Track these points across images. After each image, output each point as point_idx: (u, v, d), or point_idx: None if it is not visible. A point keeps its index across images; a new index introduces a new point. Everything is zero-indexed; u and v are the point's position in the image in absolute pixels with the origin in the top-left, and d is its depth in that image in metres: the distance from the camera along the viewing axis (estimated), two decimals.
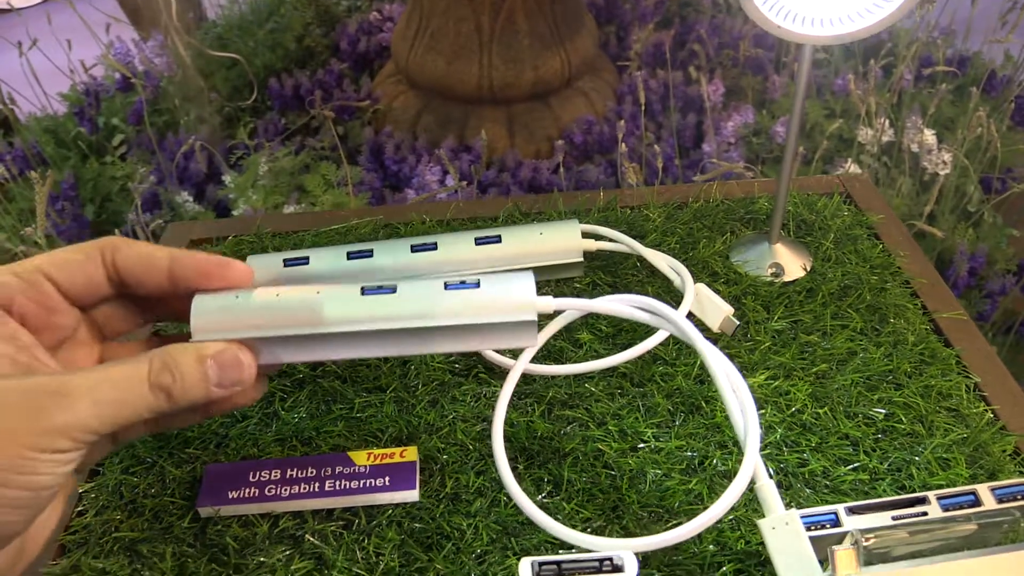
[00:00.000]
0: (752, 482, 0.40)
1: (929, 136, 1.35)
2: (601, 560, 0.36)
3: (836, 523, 0.37)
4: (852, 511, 0.38)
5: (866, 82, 1.44)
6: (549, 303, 0.44)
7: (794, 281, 0.58)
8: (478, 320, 0.42)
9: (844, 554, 0.35)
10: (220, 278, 0.39)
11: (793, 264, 0.59)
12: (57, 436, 0.31)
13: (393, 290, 0.43)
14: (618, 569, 0.36)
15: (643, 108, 1.47)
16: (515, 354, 0.53)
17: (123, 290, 0.39)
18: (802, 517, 0.37)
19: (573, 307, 0.46)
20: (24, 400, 0.31)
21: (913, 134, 1.36)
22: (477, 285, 0.43)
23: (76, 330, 0.39)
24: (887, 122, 1.40)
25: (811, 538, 0.37)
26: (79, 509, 0.47)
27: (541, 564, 0.35)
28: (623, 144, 1.24)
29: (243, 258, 0.60)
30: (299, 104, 1.80)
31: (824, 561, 0.36)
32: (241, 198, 1.48)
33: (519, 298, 0.42)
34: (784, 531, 0.37)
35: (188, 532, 0.45)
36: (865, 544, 0.35)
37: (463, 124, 1.66)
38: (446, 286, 0.43)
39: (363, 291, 0.43)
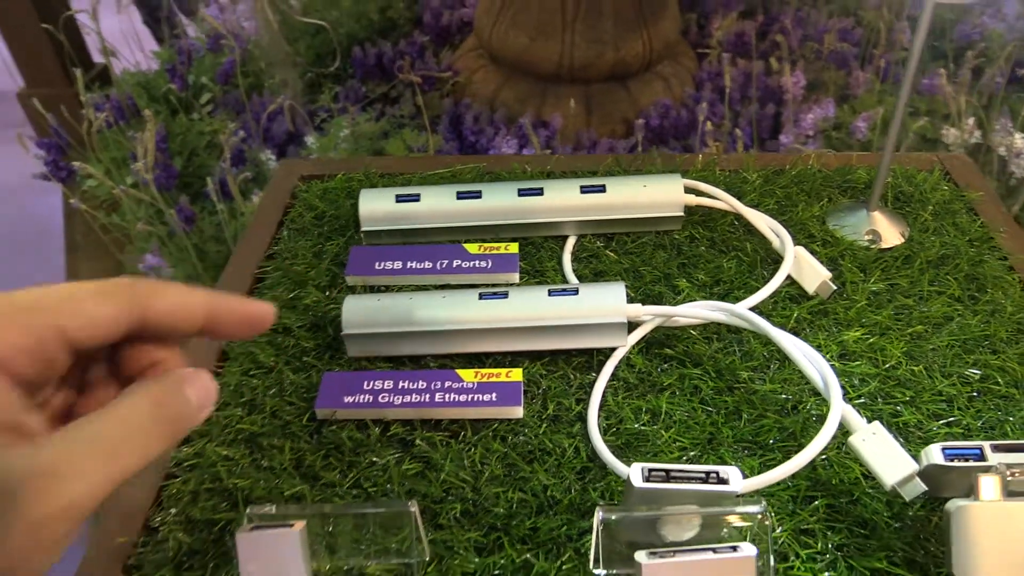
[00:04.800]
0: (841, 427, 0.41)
1: (1019, 140, 1.33)
2: (708, 472, 0.38)
3: (981, 457, 0.38)
4: (997, 448, 0.39)
5: (956, 82, 1.42)
6: (638, 310, 0.51)
7: (891, 248, 0.59)
8: (577, 322, 0.50)
9: (990, 481, 0.36)
10: (256, 328, 0.35)
11: (890, 232, 0.60)
12: (40, 532, 0.26)
13: (505, 295, 0.52)
14: (723, 481, 0.37)
15: (726, 94, 1.48)
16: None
17: (145, 335, 0.34)
18: (945, 449, 0.38)
19: (659, 314, 0.52)
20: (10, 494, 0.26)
21: (1002, 137, 1.34)
22: (576, 292, 0.52)
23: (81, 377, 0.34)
24: (975, 123, 1.38)
25: (954, 468, 0.38)
26: None
27: (651, 470, 0.37)
28: (708, 122, 1.25)
29: (355, 194, 0.64)
30: (380, 73, 1.83)
31: (965, 489, 0.38)
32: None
33: (612, 305, 0.51)
34: (873, 440, 0.40)
35: (305, 430, 0.48)
36: (1008, 478, 0.36)
37: (541, 101, 1.68)
38: (550, 293, 0.52)
39: (480, 296, 0.52)
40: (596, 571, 0.38)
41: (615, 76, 1.66)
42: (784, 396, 0.49)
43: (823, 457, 0.45)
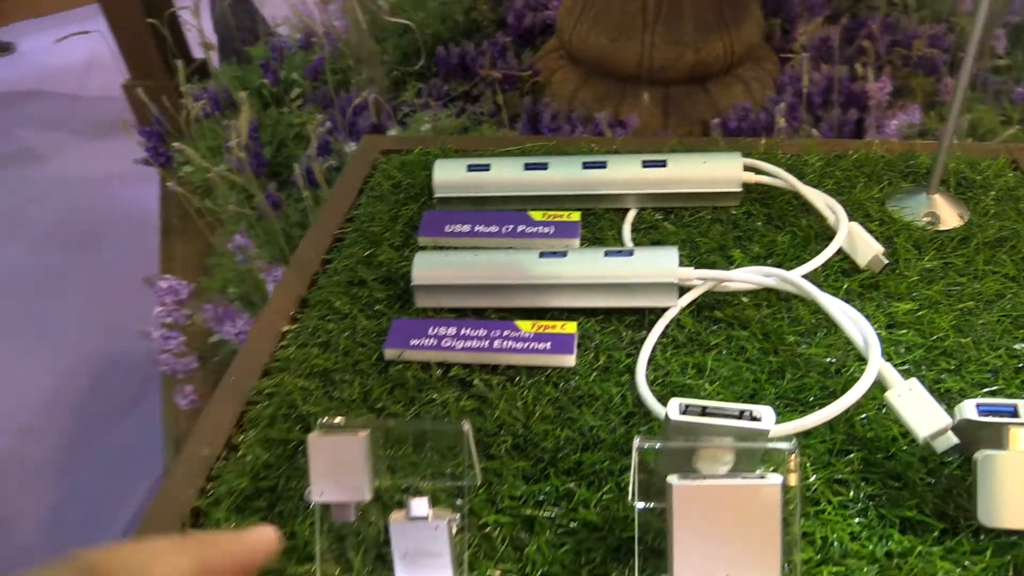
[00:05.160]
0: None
1: None
2: (742, 410, 0.40)
3: (1014, 414, 0.40)
4: None
5: None
6: (690, 273, 0.54)
7: (949, 229, 0.60)
8: (630, 281, 0.54)
9: (1021, 432, 0.38)
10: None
11: (950, 214, 0.61)
12: None
13: (564, 255, 0.55)
14: (756, 419, 0.40)
15: (803, 96, 1.47)
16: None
17: None
18: (979, 405, 0.40)
19: (709, 277, 0.54)
20: None
21: None
22: (631, 254, 0.55)
23: None
24: None
25: (986, 424, 0.39)
26: (282, 344, 0.56)
27: (687, 405, 0.40)
28: (781, 119, 1.25)
29: (431, 165, 0.68)
30: (463, 72, 1.89)
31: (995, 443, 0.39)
32: None
33: (664, 266, 0.54)
34: (909, 395, 0.42)
35: (373, 369, 0.52)
36: None
37: (619, 101, 1.71)
38: (606, 253, 0.55)
39: (540, 255, 0.56)
40: (634, 503, 0.41)
41: (694, 78, 1.67)
42: (829, 360, 0.50)
43: (862, 416, 0.47)
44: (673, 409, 0.40)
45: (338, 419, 0.42)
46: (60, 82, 3.36)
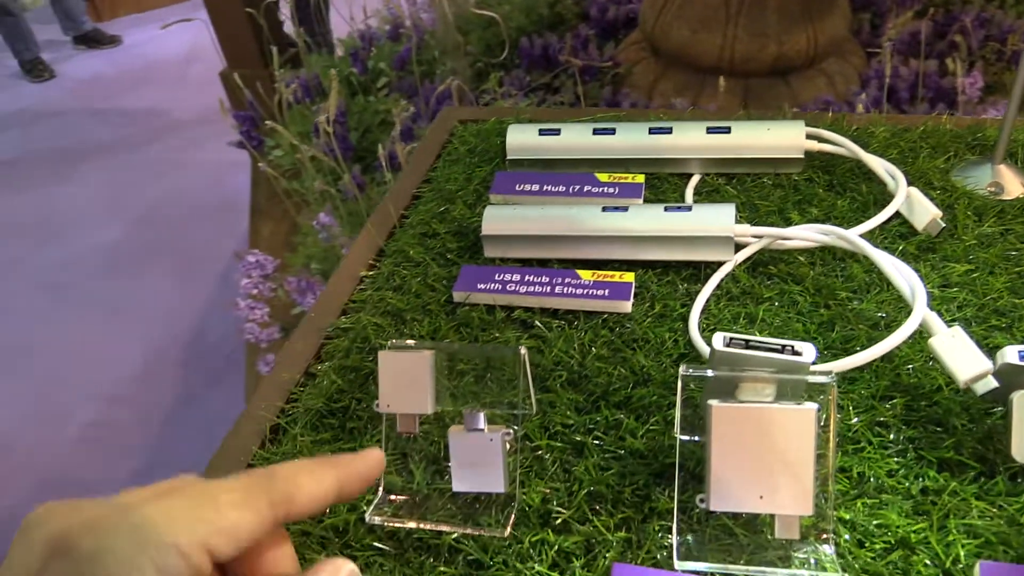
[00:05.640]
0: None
1: None
2: (784, 344, 0.42)
3: None
4: None
5: None
6: (746, 229, 0.56)
7: (1014, 199, 0.60)
8: (688, 234, 0.56)
9: None
10: (372, 481, 0.37)
11: (1014, 184, 0.61)
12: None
13: (626, 209, 0.58)
14: (797, 353, 0.42)
15: (885, 89, 1.46)
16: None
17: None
18: (1021, 351, 0.41)
19: (765, 234, 0.56)
20: None
21: None
22: (690, 209, 0.57)
23: None
24: None
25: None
26: (359, 287, 0.60)
27: (732, 338, 0.42)
28: (861, 108, 1.24)
29: (503, 133, 0.71)
30: (545, 64, 1.93)
31: None
32: None
33: (722, 222, 0.56)
34: (951, 342, 0.43)
35: (442, 310, 0.56)
36: None
37: (698, 92, 1.71)
38: (665, 208, 0.57)
39: (603, 209, 0.59)
40: (678, 435, 0.44)
41: (776, 71, 1.67)
42: (880, 315, 0.52)
43: (908, 366, 0.48)
44: (718, 341, 0.42)
45: (407, 341, 0.46)
46: (162, 72, 3.53)
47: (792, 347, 0.42)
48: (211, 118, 2.35)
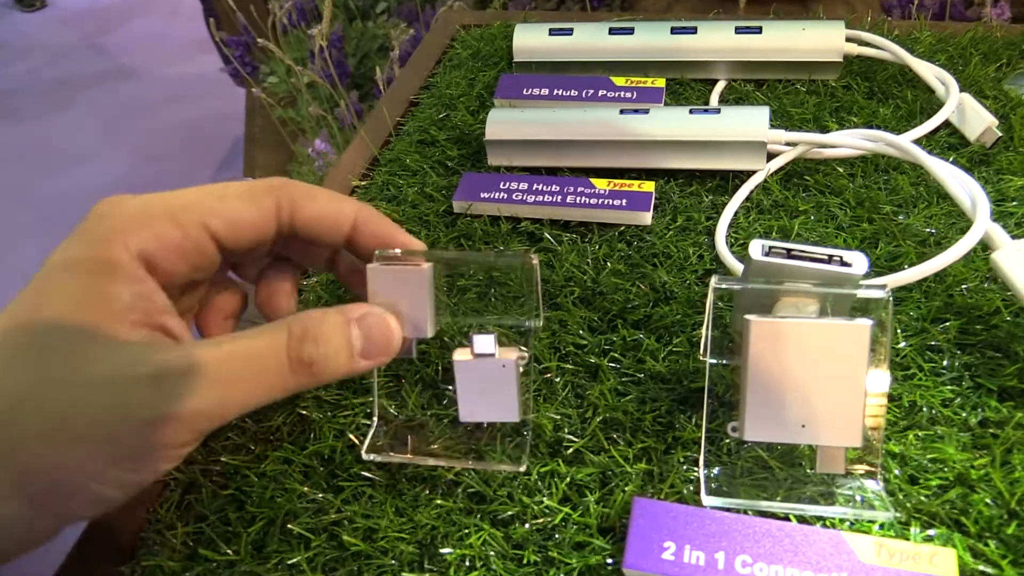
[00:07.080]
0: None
1: None
2: (831, 254, 0.37)
3: None
4: None
5: None
6: (781, 135, 0.49)
7: None
8: (716, 139, 0.50)
9: None
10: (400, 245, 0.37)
11: None
12: (180, 428, 0.27)
13: (646, 112, 0.52)
14: (847, 264, 0.36)
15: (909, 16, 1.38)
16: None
17: (287, 240, 0.35)
18: None
19: (803, 140, 0.50)
20: (149, 389, 0.27)
21: None
22: (718, 112, 0.51)
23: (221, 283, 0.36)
24: None
25: None
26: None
27: (771, 246, 0.37)
28: None
29: (510, 36, 0.65)
30: None
31: None
32: None
33: (754, 126, 0.49)
34: (1016, 256, 0.38)
35: (440, 221, 0.51)
36: None
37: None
38: (691, 111, 0.51)
39: (621, 111, 0.52)
40: (707, 357, 0.39)
41: None
42: (929, 230, 0.47)
43: (962, 286, 0.43)
44: (756, 249, 0.37)
45: (393, 251, 0.40)
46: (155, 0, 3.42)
47: (841, 257, 0.37)
48: (207, 47, 2.26)
